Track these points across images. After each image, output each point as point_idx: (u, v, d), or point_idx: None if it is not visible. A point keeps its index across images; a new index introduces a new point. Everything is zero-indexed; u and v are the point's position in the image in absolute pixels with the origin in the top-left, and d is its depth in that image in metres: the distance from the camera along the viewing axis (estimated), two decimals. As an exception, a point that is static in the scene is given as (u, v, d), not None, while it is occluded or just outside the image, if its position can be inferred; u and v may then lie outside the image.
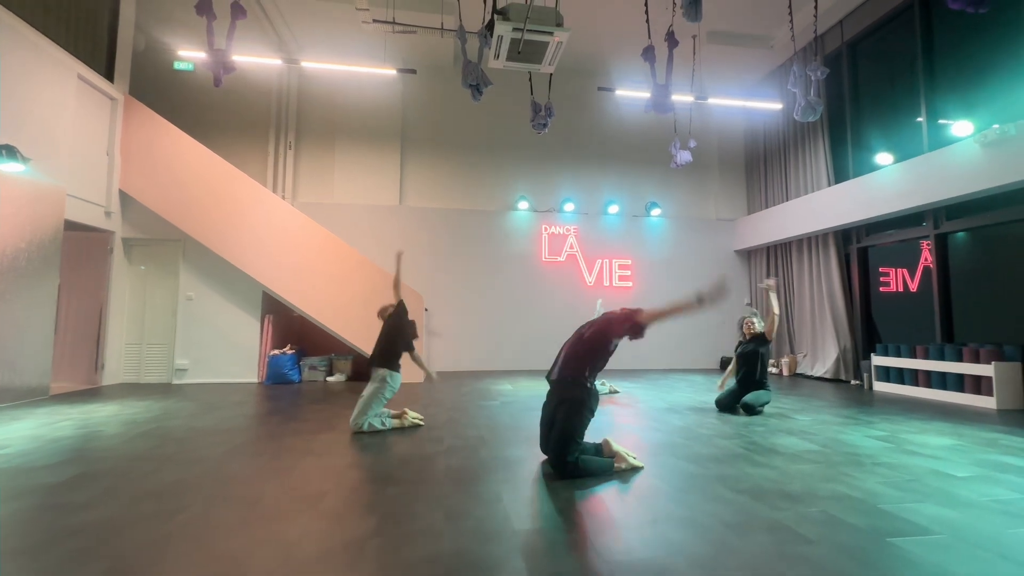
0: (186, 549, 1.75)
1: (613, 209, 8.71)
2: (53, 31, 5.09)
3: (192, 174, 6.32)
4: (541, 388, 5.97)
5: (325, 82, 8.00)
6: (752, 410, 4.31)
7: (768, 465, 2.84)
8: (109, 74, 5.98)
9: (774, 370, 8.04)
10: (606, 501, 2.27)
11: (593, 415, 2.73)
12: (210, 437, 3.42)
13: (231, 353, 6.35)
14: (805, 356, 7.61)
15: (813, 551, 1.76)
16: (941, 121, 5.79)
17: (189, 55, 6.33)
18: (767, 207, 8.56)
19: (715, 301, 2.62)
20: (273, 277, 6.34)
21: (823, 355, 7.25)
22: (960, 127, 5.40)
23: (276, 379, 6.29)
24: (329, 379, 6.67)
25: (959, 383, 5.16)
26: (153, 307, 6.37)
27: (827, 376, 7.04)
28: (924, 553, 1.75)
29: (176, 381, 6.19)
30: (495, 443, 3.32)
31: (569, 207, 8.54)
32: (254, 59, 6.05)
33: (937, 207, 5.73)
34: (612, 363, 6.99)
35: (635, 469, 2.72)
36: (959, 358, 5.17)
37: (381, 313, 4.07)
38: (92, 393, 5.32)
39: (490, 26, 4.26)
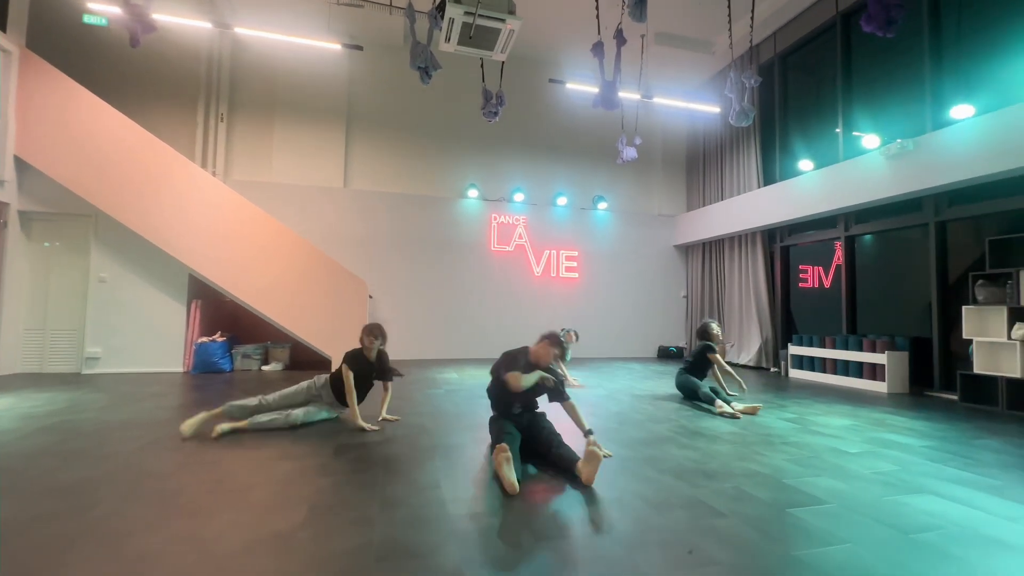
0: (92, 549, 1.63)
1: (562, 201, 8.86)
2: (-73, -34, 4.38)
3: (105, 142, 5.71)
4: (487, 377, 6.02)
5: (263, 52, 7.48)
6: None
7: (692, 447, 3.05)
8: (0, 23, 5.25)
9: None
10: (541, 485, 2.35)
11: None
12: (124, 431, 3.17)
13: (152, 340, 5.87)
14: (732, 346, 8.18)
15: (724, 523, 1.93)
16: (855, 133, 6.36)
17: (101, 8, 5.68)
18: (704, 205, 9.05)
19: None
20: (201, 259, 5.91)
21: (748, 344, 7.83)
22: (869, 140, 5.97)
23: (204, 368, 5.90)
24: (264, 368, 6.34)
25: (859, 370, 5.78)
26: (59, 289, 5.75)
27: (751, 364, 7.62)
28: (816, 521, 1.97)
29: (87, 371, 5.65)
30: (437, 431, 3.33)
31: (519, 197, 8.59)
32: (178, 20, 5.52)
33: (848, 211, 6.32)
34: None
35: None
36: (860, 348, 5.78)
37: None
38: (-18, 384, 4.74)
39: (441, 8, 4.15)
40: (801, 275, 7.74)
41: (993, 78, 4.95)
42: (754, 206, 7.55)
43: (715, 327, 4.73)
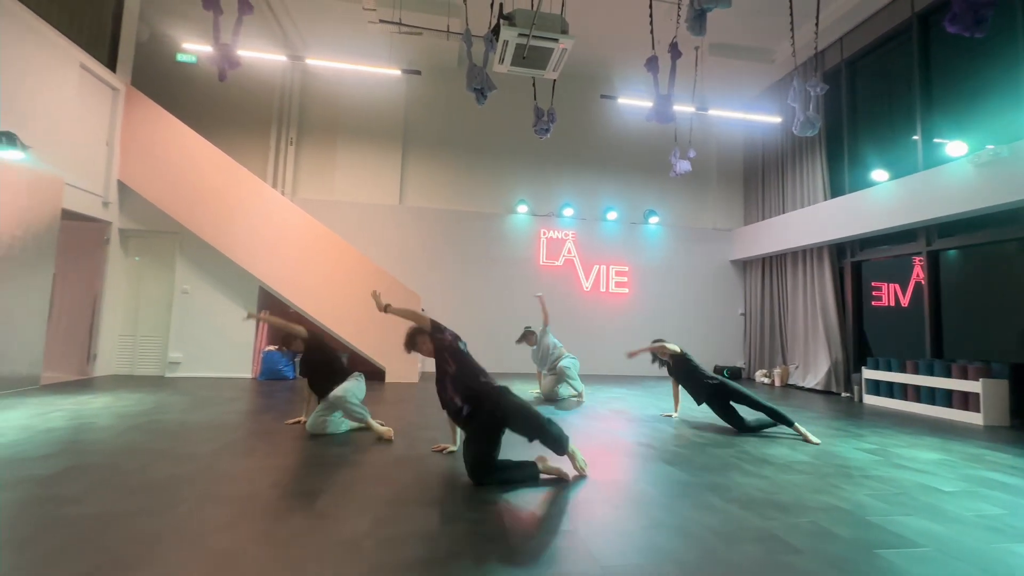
0: (179, 545, 1.75)
1: (611, 215, 8.75)
2: (56, 18, 5.07)
3: (191, 167, 6.30)
4: (533, 390, 6.01)
5: (329, 80, 8.01)
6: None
7: (758, 475, 2.87)
8: (112, 64, 5.96)
9: (766, 380, 8.11)
10: (600, 506, 2.29)
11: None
12: (203, 433, 3.41)
13: (225, 348, 6.32)
14: (797, 367, 7.67)
15: (801, 561, 1.79)
16: (936, 140, 5.88)
17: (192, 47, 6.34)
18: (764, 219, 8.64)
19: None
20: (269, 272, 6.33)
21: (815, 367, 7.31)
22: (954, 147, 5.49)
23: (269, 375, 6.27)
24: (323, 377, 6.64)
25: (947, 399, 5.23)
26: (148, 299, 6.34)
27: (818, 388, 7.10)
28: (910, 566, 1.78)
29: (169, 374, 6.16)
30: (489, 446, 3.32)
31: (568, 212, 8.58)
32: (258, 54, 6.05)
33: (930, 224, 5.81)
34: (607, 368, 7.04)
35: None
36: (948, 374, 5.24)
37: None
38: (84, 384, 5.28)
39: (496, 31, 4.29)
40: (874, 292, 7.17)
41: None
42: (821, 219, 7.12)
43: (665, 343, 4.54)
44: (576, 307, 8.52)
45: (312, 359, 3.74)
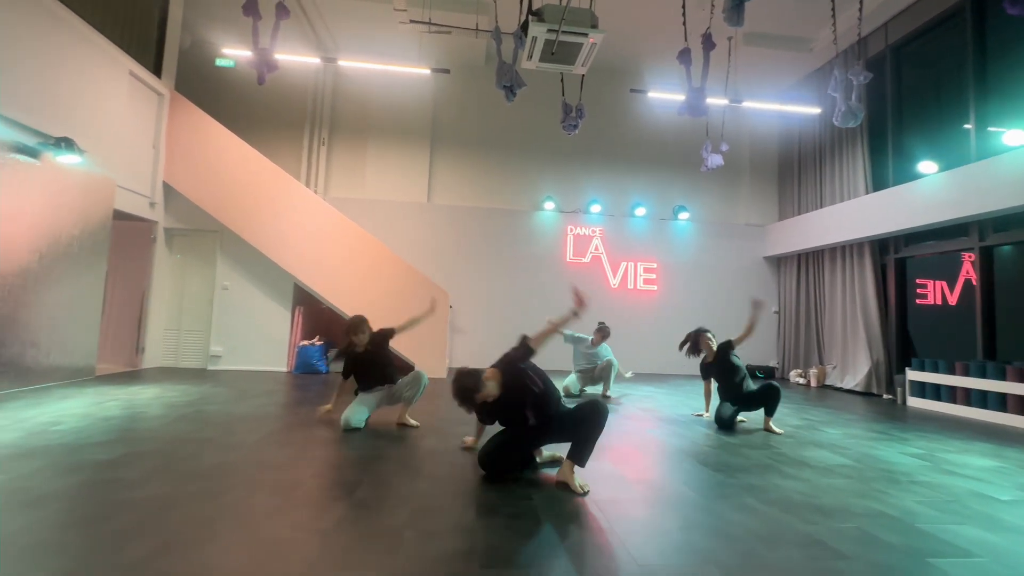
0: (232, 528, 1.84)
1: (640, 211, 8.63)
2: (109, 29, 5.34)
3: (230, 168, 6.54)
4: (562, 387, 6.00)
5: (359, 80, 8.16)
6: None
7: (797, 477, 2.79)
8: (157, 70, 6.23)
9: (801, 380, 7.86)
10: (637, 505, 2.28)
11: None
12: (245, 423, 3.55)
13: (263, 342, 6.56)
14: (835, 368, 7.40)
15: (849, 567, 1.74)
16: (991, 129, 5.55)
17: (231, 52, 6.56)
18: (799, 214, 8.35)
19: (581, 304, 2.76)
20: (304, 269, 6.52)
21: (854, 367, 7.04)
22: (1012, 136, 5.17)
23: (304, 369, 6.47)
24: (354, 371, 6.81)
25: (1001, 402, 4.95)
26: (191, 295, 6.63)
27: (858, 389, 6.83)
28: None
29: (211, 367, 6.43)
30: (520, 442, 3.35)
31: (595, 208, 8.50)
32: (293, 57, 6.22)
33: (984, 219, 5.50)
34: (638, 366, 6.94)
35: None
36: (1003, 376, 4.96)
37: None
38: (133, 375, 5.57)
39: (525, 27, 4.28)
40: (919, 290, 6.84)
41: None
42: (862, 214, 6.83)
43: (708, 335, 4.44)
44: (603, 305, 8.44)
45: (376, 353, 3.74)
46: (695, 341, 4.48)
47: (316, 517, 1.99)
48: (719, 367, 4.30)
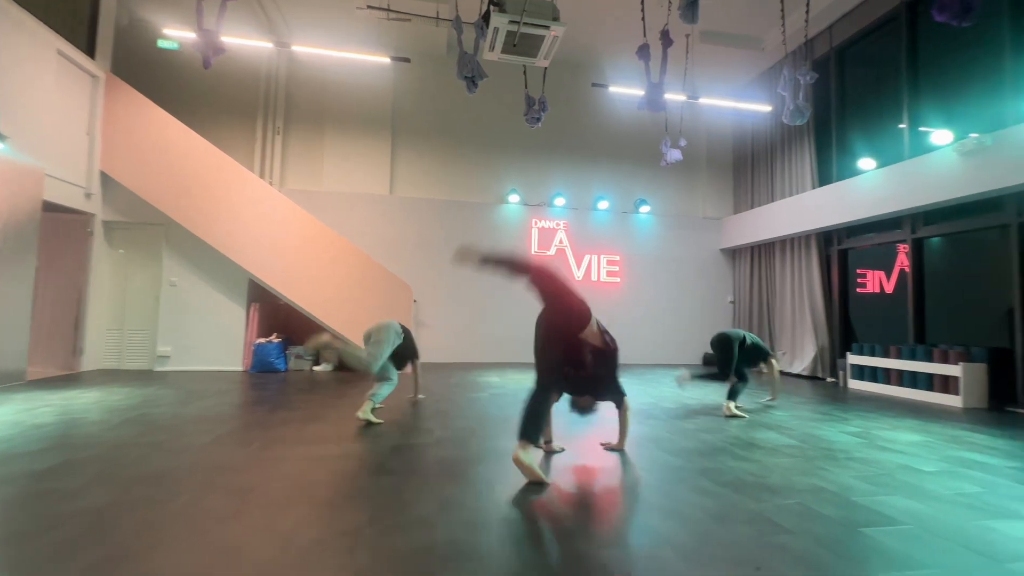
0: (183, 536, 1.76)
1: (603, 205, 8.77)
2: (31, 3, 4.89)
3: (176, 157, 6.17)
4: (529, 381, 6.03)
5: (315, 67, 7.85)
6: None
7: (749, 459, 2.95)
8: (90, 50, 5.78)
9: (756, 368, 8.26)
10: (594, 492, 2.34)
11: None
12: (197, 425, 3.40)
13: (215, 340, 6.27)
14: (784, 354, 7.82)
15: (792, 541, 1.85)
16: (922, 129, 5.96)
17: (174, 34, 6.16)
18: (753, 207, 8.73)
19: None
20: (259, 264, 6.26)
21: (802, 353, 7.46)
22: (940, 135, 5.58)
23: (261, 367, 6.24)
24: (316, 368, 6.63)
25: (929, 382, 5.38)
26: (135, 292, 6.24)
27: (805, 373, 7.26)
28: (893, 542, 1.86)
29: (158, 368, 6.10)
30: (485, 435, 3.37)
31: (560, 201, 8.58)
32: (243, 41, 5.90)
33: (915, 212, 5.92)
34: None
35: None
36: (929, 359, 5.39)
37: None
38: (71, 379, 5.21)
39: (486, 17, 4.24)
40: (859, 280, 7.31)
41: (1086, 65, 4.53)
42: (808, 207, 7.21)
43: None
44: (568, 296, 8.56)
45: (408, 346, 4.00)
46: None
47: (272, 519, 1.93)
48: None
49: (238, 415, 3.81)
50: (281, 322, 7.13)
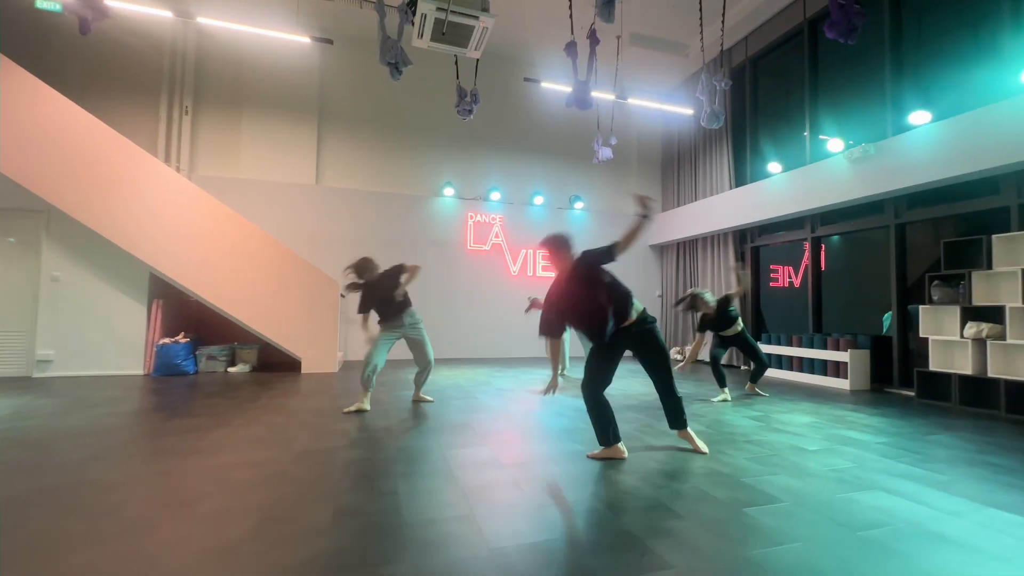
0: (25, 567, 1.54)
1: (538, 200, 8.85)
2: None
3: (59, 135, 5.44)
4: (460, 377, 6.01)
5: (230, 44, 7.24)
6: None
7: (656, 447, 3.08)
8: (-59, 6, 4.94)
9: (679, 357, 8.73)
10: (504, 489, 2.34)
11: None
12: (73, 440, 3.02)
13: (110, 342, 5.64)
14: (706, 344, 8.31)
15: (680, 525, 1.94)
16: (821, 136, 6.53)
17: (54, -6, 5.41)
18: (679, 206, 9.18)
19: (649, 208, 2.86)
20: (163, 257, 5.69)
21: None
22: (834, 143, 6.13)
23: (166, 371, 5.70)
24: (231, 369, 6.17)
25: (823, 368, 5.94)
26: (7, 288, 5.46)
27: (723, 362, 7.75)
28: (769, 520, 2.01)
29: (38, 374, 5.39)
30: (402, 434, 3.28)
31: (495, 196, 8.55)
32: (135, 7, 5.28)
33: (814, 213, 6.48)
34: (541, 351, 7.08)
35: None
36: (824, 346, 5.95)
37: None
38: (-79, 390, 4.47)
39: (412, 3, 4.09)
40: (772, 275, 7.92)
41: (950, 85, 5.14)
42: (726, 207, 7.69)
43: (703, 295, 4.84)
44: (504, 291, 8.59)
45: (391, 287, 4.27)
46: (691, 303, 4.87)
47: (143, 541, 1.74)
48: (719, 320, 4.81)
49: (126, 425, 3.44)
50: (191, 320, 6.56)
